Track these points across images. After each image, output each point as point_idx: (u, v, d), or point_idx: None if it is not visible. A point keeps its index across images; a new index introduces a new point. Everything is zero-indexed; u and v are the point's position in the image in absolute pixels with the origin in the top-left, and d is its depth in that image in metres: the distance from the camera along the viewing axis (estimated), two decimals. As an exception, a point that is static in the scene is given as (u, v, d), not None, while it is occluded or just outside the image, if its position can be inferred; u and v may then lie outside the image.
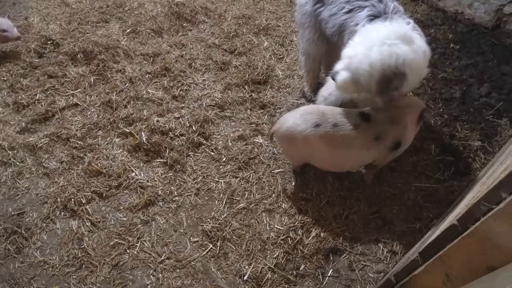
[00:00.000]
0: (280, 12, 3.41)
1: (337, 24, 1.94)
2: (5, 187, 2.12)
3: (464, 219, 1.03)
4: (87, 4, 3.33)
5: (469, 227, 0.99)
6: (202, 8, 3.28)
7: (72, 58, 2.77)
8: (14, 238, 1.92)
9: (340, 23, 1.92)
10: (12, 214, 2.01)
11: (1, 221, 1.99)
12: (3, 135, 2.32)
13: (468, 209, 1.03)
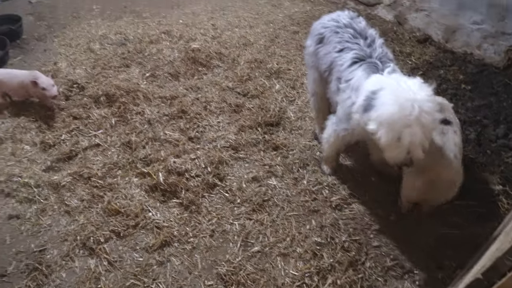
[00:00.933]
0: (290, 56, 3.64)
1: (328, 62, 2.14)
2: (29, 223, 2.24)
3: (489, 274, 1.01)
4: (110, 50, 3.62)
5: (495, 282, 0.97)
6: (217, 54, 3.52)
7: (95, 100, 2.99)
8: (35, 275, 2.00)
9: (331, 61, 2.12)
10: (34, 251, 2.11)
11: (23, 257, 2.09)
12: (30, 173, 2.48)
13: (493, 263, 1.01)
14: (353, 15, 2.27)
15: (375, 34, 2.11)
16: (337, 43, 2.09)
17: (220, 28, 4.02)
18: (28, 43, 3.93)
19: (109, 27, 4.08)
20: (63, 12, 4.50)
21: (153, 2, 4.69)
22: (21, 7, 4.67)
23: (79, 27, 4.13)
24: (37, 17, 4.43)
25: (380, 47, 2.02)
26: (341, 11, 2.35)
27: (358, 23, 2.18)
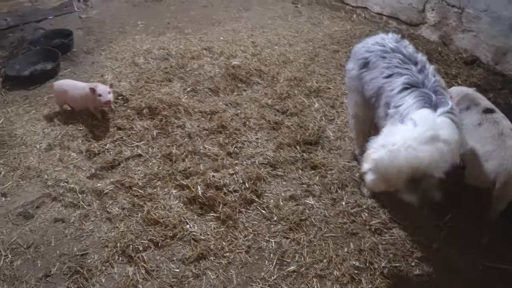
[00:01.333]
0: (330, 75, 3.67)
1: (375, 87, 2.11)
2: (73, 227, 2.37)
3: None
4: (153, 65, 3.81)
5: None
6: (257, 71, 3.61)
7: (138, 112, 3.15)
8: (76, 277, 2.11)
9: (378, 86, 2.08)
10: (77, 254, 2.23)
11: (66, 259, 2.21)
12: (76, 179, 2.64)
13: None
14: (398, 38, 2.26)
15: (425, 60, 2.08)
16: (385, 68, 2.06)
17: (260, 45, 4.13)
18: (77, 56, 4.21)
19: (153, 42, 4.31)
20: (110, 27, 4.80)
21: (195, 19, 4.91)
22: (72, 22, 5.02)
23: (124, 42, 4.38)
24: (86, 32, 4.74)
25: (433, 75, 1.97)
26: (385, 33, 2.34)
27: (405, 47, 2.15)
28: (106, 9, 5.34)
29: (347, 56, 3.85)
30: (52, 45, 4.21)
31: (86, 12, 5.30)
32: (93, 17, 5.15)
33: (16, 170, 2.80)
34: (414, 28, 4.25)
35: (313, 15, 4.87)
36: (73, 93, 3.13)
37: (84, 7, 5.45)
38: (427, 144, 1.68)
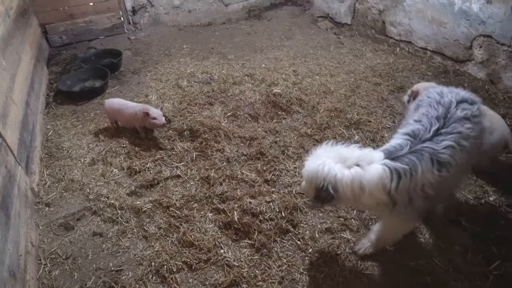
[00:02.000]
0: (371, 108, 3.68)
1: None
2: (110, 242, 2.48)
3: None
4: (196, 88, 3.99)
5: None
6: (297, 100, 3.70)
7: (179, 134, 3.29)
8: (110, 293, 2.21)
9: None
10: (112, 270, 2.32)
11: (102, 274, 2.30)
12: (116, 195, 2.77)
13: None
14: (467, 98, 2.08)
15: (460, 130, 1.90)
16: (420, 114, 2.04)
17: (301, 74, 4.24)
18: (124, 75, 4.48)
19: (197, 66, 4.52)
20: (157, 50, 5.09)
21: (238, 45, 5.12)
22: (122, 42, 5.37)
23: (169, 64, 4.63)
24: (134, 53, 5.05)
25: (445, 145, 1.84)
26: (462, 89, 2.20)
27: (459, 109, 1.98)
28: (154, 32, 5.67)
29: (389, 90, 3.89)
30: (102, 64, 4.51)
31: (135, 34, 5.65)
32: (141, 39, 5.49)
33: (60, 181, 2.98)
34: (460, 64, 4.21)
35: (355, 47, 4.96)
36: (123, 112, 3.34)
37: (133, 29, 5.82)
38: (338, 165, 1.83)
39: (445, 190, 2.04)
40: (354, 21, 5.49)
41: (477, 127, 1.97)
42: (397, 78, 4.11)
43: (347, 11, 5.57)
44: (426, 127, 1.92)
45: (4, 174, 2.41)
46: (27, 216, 2.57)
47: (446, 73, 4.13)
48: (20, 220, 2.42)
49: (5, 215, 2.22)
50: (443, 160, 1.81)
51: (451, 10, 4.03)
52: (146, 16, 5.91)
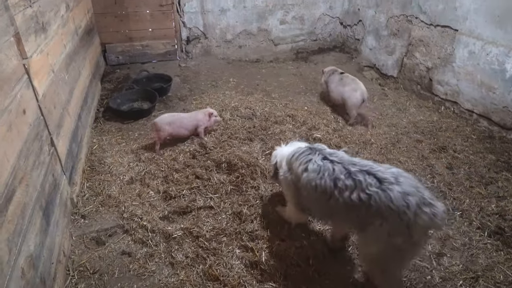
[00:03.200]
0: (410, 164, 3.61)
1: None
2: (137, 264, 2.51)
3: None
4: (238, 122, 4.10)
5: None
6: (336, 147, 3.69)
7: (217, 165, 3.36)
8: (131, 317, 2.22)
9: None
10: (137, 292, 2.36)
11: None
12: (149, 217, 2.84)
13: None
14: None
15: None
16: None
17: (342, 122, 4.27)
18: (171, 100, 4.68)
19: (241, 100, 4.66)
20: (204, 79, 5.31)
21: (283, 85, 5.26)
22: (172, 68, 5.65)
23: (215, 95, 4.80)
24: (182, 79, 5.29)
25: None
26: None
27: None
28: (203, 62, 5.95)
29: (430, 148, 3.83)
30: (152, 87, 4.75)
31: (185, 62, 5.95)
32: (191, 67, 5.76)
33: (98, 195, 3.09)
34: (507, 131, 4.11)
35: (399, 100, 4.96)
36: (182, 121, 3.72)
37: (185, 57, 6.13)
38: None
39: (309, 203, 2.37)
40: (401, 74, 5.52)
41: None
42: (439, 137, 4.05)
43: (394, 64, 5.63)
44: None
45: (50, 182, 2.54)
46: (63, 225, 2.67)
47: (492, 139, 4.03)
48: (58, 229, 2.52)
49: (46, 222, 2.32)
50: (312, 168, 2.23)
51: (502, 76, 3.99)
52: (198, 46, 6.23)
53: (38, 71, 2.62)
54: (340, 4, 6.79)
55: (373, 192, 1.94)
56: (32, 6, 2.71)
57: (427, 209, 1.85)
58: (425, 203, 1.87)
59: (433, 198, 1.93)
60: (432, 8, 4.76)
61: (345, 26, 6.93)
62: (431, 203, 1.88)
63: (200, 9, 5.96)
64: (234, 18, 6.23)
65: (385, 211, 1.90)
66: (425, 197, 1.89)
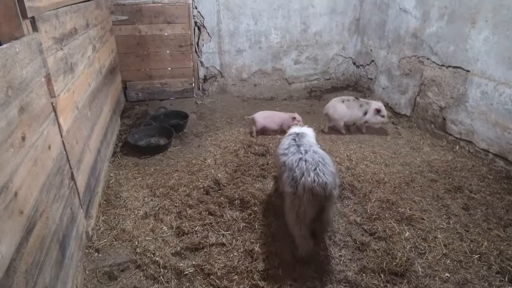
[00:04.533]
0: (425, 204, 3.57)
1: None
2: (148, 301, 2.53)
3: None
4: (252, 159, 4.17)
5: None
6: (349, 185, 3.71)
7: (230, 202, 3.40)
8: None
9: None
10: (145, 331, 2.35)
11: (134, 333, 2.33)
12: (162, 253, 2.86)
13: None
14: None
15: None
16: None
17: (355, 160, 4.30)
18: (187, 137, 4.81)
19: (255, 137, 4.75)
20: (220, 116, 5.46)
21: (296, 122, 5.36)
22: (189, 105, 5.84)
23: (230, 132, 4.92)
24: (199, 116, 5.45)
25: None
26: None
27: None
28: (219, 100, 6.13)
29: (445, 188, 3.79)
30: (169, 124, 4.90)
31: (202, 99, 6.14)
32: (207, 104, 5.94)
33: (113, 229, 3.15)
34: (526, 173, 4.05)
35: (412, 139, 4.97)
36: (275, 117, 4.89)
37: (201, 95, 6.34)
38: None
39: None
40: (414, 113, 5.57)
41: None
42: (455, 177, 4.01)
43: (407, 103, 5.69)
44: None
45: (68, 215, 2.61)
46: (77, 259, 2.71)
47: (509, 179, 3.97)
48: (72, 262, 2.56)
49: (61, 255, 2.37)
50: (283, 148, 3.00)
51: (516, 116, 4.00)
52: (215, 85, 6.45)
53: (64, 109, 2.77)
54: (352, 45, 7.00)
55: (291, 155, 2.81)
56: (63, 49, 2.91)
57: (312, 174, 2.53)
58: (315, 171, 2.54)
59: (329, 174, 2.58)
60: (443, 49, 4.87)
61: (358, 66, 7.10)
62: (318, 173, 2.53)
63: (218, 49, 6.23)
64: (250, 58, 6.47)
65: (287, 166, 2.75)
66: (318, 169, 2.57)
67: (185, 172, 3.97)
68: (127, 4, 5.58)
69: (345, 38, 6.89)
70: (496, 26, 4.12)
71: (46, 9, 2.59)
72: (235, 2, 6.00)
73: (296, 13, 6.38)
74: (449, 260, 2.87)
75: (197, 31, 6.04)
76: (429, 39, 5.12)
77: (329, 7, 6.52)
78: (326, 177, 2.53)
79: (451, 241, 3.07)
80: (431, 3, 5.02)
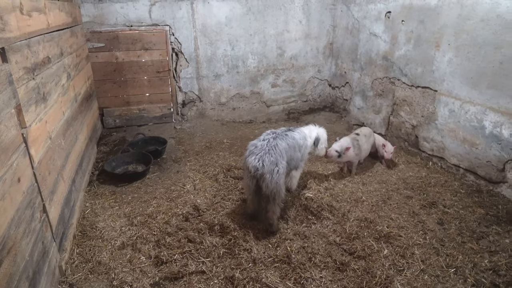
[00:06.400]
0: (402, 221, 3.59)
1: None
2: (125, 337, 2.41)
3: None
4: (232, 183, 4.13)
5: None
6: (328, 206, 3.71)
7: (210, 228, 3.33)
8: None
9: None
10: None
11: None
12: (140, 284, 2.74)
13: None
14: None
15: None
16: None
17: (333, 180, 4.31)
18: (165, 163, 4.74)
19: (235, 161, 4.74)
20: (199, 141, 5.42)
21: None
22: (167, 130, 5.78)
23: (209, 156, 4.88)
24: (177, 141, 5.40)
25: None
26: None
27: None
28: (198, 124, 6.11)
29: (420, 204, 3.84)
30: (147, 150, 4.83)
31: (181, 124, 6.11)
32: (185, 129, 5.90)
33: (88, 262, 3.02)
34: (493, 185, 4.16)
35: (388, 157, 5.05)
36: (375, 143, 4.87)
37: (180, 120, 6.30)
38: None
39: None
40: (388, 132, 5.69)
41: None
42: (429, 193, 4.07)
43: (381, 122, 5.82)
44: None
45: (40, 250, 2.50)
46: (50, 295, 2.57)
47: (480, 193, 4.06)
48: (44, 299, 2.43)
49: (32, 293, 2.24)
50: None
51: (482, 133, 4.13)
52: (194, 109, 6.44)
53: (36, 139, 2.69)
54: (328, 68, 7.17)
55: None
56: (35, 78, 2.85)
57: (253, 157, 3.18)
58: (256, 155, 3.18)
59: (268, 161, 3.15)
60: (412, 71, 5.04)
61: (334, 87, 7.25)
62: (256, 158, 3.16)
63: (196, 74, 6.26)
64: (228, 83, 6.52)
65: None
66: (260, 155, 3.18)
67: (163, 199, 3.89)
68: (103, 32, 5.57)
69: (320, 61, 7.05)
70: (458, 49, 4.30)
71: (17, 39, 2.55)
72: (212, 29, 6.08)
73: (272, 38, 6.51)
74: (427, 276, 2.88)
75: (175, 57, 6.06)
76: (398, 61, 5.29)
77: (303, 32, 6.69)
78: (261, 162, 3.14)
79: (428, 256, 3.08)
80: (398, 28, 5.22)
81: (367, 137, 4.67)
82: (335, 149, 4.23)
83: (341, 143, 4.31)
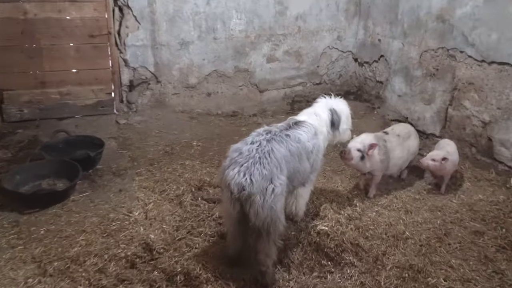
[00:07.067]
0: (468, 270, 3.55)
1: None
2: None
3: None
4: (204, 208, 4.10)
5: None
6: (352, 245, 3.68)
7: (169, 278, 3.25)
8: None
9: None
10: None
11: None
12: None
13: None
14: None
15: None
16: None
17: (360, 205, 4.30)
18: (101, 176, 4.68)
19: (209, 174, 4.71)
20: (155, 144, 5.39)
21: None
22: (106, 127, 5.76)
23: (170, 167, 4.86)
24: (121, 144, 5.36)
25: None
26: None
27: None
28: (153, 117, 6.08)
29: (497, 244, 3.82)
30: (72, 157, 4.74)
31: (127, 117, 6.08)
32: (134, 124, 5.87)
33: None
34: None
35: (445, 171, 5.06)
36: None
37: (126, 110, 6.26)
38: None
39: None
40: (445, 132, 5.70)
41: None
42: (510, 227, 4.06)
43: (434, 117, 5.83)
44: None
45: None
46: None
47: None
48: None
49: None
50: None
51: None
52: (147, 94, 6.40)
53: None
54: (352, 33, 7.19)
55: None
56: None
57: (236, 169, 3.09)
58: (241, 167, 3.09)
59: (258, 175, 3.07)
60: (482, 38, 5.05)
61: (361, 63, 7.27)
62: (241, 170, 3.07)
63: (151, 41, 6.23)
64: (200, 54, 6.51)
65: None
66: (245, 166, 3.09)
67: (97, 233, 3.82)
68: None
69: (341, 23, 7.08)
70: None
71: None
72: (175, -29, 6.07)
73: (268, -13, 6.53)
74: None
75: (119, 14, 6.03)
76: (461, 23, 5.31)
77: (316, -22, 6.71)
78: (248, 177, 3.04)
79: (508, 327, 3.06)
80: (461, -28, 5.24)
81: (401, 139, 4.63)
82: (356, 147, 4.18)
83: (362, 139, 4.28)
